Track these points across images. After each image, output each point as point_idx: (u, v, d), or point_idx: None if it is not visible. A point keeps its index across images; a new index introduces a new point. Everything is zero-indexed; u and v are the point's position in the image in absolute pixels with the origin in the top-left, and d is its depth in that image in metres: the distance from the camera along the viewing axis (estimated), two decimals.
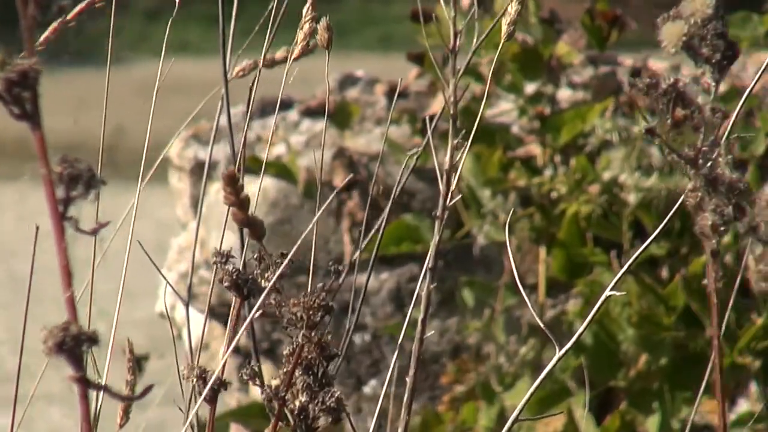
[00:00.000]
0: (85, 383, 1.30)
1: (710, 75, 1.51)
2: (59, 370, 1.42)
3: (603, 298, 2.03)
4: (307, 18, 2.04)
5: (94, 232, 1.34)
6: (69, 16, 1.45)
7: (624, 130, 3.04)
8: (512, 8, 1.96)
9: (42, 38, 1.44)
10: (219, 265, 1.64)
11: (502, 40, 2.14)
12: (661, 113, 1.50)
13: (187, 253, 3.20)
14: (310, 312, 1.46)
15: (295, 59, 2.15)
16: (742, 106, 3.03)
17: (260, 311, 1.56)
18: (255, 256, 1.64)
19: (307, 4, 2.05)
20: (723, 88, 3.14)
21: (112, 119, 2.47)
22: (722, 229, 1.50)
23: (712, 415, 2.94)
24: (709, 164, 1.47)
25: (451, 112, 1.87)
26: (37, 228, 2.08)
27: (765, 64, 2.57)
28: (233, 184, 1.69)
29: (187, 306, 2.28)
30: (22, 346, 2.15)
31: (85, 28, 1.93)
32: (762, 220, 1.45)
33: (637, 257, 2.35)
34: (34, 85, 1.30)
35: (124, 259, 2.08)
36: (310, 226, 1.96)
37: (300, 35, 2.07)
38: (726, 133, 2.11)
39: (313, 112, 3.25)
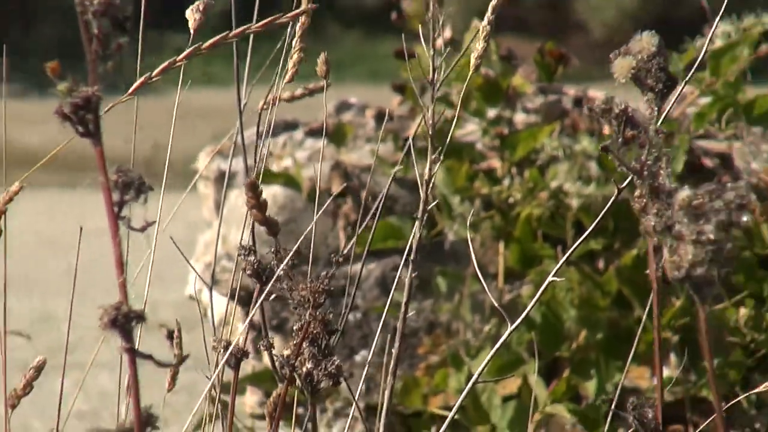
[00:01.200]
0: (133, 353, 1.30)
1: (654, 102, 1.52)
2: (107, 342, 1.42)
3: (549, 284, 2.04)
4: (296, 49, 2.04)
5: (143, 230, 1.34)
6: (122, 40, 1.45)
7: (568, 148, 3.03)
8: (478, 48, 1.96)
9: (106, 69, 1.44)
10: (243, 257, 1.63)
11: (470, 74, 2.14)
12: (614, 133, 1.50)
13: (211, 247, 3.19)
14: (316, 295, 1.46)
15: (303, 97, 2.15)
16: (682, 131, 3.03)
17: (274, 294, 1.56)
18: (272, 249, 1.64)
19: (296, 38, 2.05)
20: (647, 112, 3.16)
21: (151, 138, 2.46)
22: (662, 229, 1.50)
23: (638, 380, 2.94)
24: (652, 175, 1.48)
25: (429, 132, 1.87)
26: (81, 228, 2.07)
27: (679, 92, 2.57)
28: (254, 191, 1.70)
29: (211, 290, 2.28)
30: (69, 323, 2.14)
31: (131, 64, 1.93)
32: (676, 221, 1.45)
33: (576, 251, 2.36)
34: (95, 108, 1.30)
35: (162, 252, 2.07)
36: (312, 225, 1.96)
37: (290, 63, 2.07)
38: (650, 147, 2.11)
39: (314, 132, 3.25)
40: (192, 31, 2.06)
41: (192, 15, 2.04)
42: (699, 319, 1.44)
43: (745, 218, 2.35)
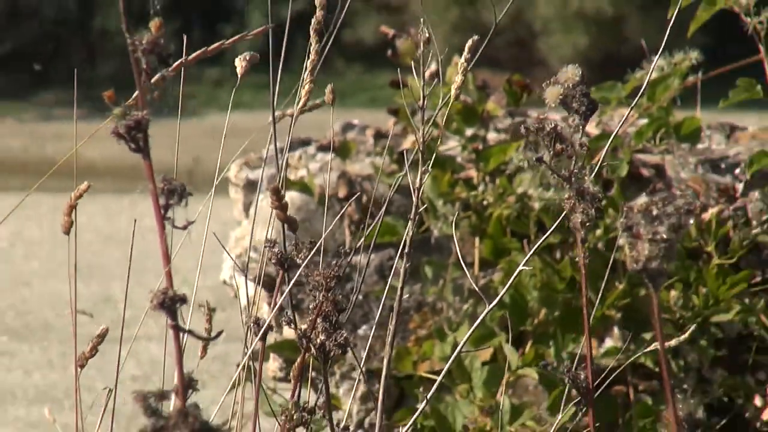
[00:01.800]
0: (177, 329, 1.30)
1: (578, 121, 1.52)
2: (156, 318, 1.42)
3: (517, 271, 2.04)
4: (306, 81, 2.05)
5: (185, 228, 1.34)
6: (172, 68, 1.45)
7: (531, 160, 3.03)
8: (458, 79, 1.97)
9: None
10: (269, 249, 1.63)
11: (451, 100, 2.14)
12: (546, 147, 1.51)
13: (241, 242, 3.19)
14: (328, 280, 1.46)
15: (308, 111, 2.16)
16: (610, 144, 3.03)
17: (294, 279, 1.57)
18: (292, 243, 1.65)
19: (306, 72, 2.06)
20: (597, 131, 3.16)
21: (192, 153, 2.47)
22: (588, 224, 1.51)
23: (587, 349, 2.94)
24: (578, 181, 1.49)
25: (420, 148, 1.87)
26: (135, 223, 2.07)
27: (625, 116, 2.57)
28: (278, 195, 1.70)
29: (246, 276, 2.29)
30: (125, 303, 2.15)
31: (175, 91, 1.93)
32: (635, 223, 1.45)
33: (539, 245, 2.35)
34: (145, 129, 1.31)
35: (199, 246, 2.08)
36: (325, 225, 1.97)
37: (302, 92, 2.08)
38: (599, 160, 2.10)
39: (324, 148, 3.24)
40: (239, 75, 2.08)
41: (240, 62, 2.07)
42: (652, 302, 1.45)
43: (691, 221, 2.35)
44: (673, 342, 2.86)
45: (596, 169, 1.71)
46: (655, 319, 1.53)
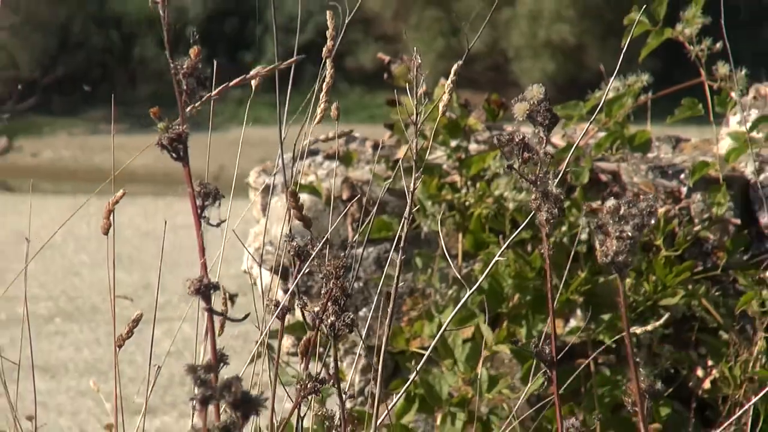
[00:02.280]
0: (211, 311, 1.30)
1: (542, 133, 1.52)
2: (187, 301, 1.42)
3: (493, 262, 2.03)
4: (323, 100, 2.04)
5: (218, 225, 1.34)
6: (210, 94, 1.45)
7: (505, 167, 3.03)
8: (444, 98, 1.96)
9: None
10: (287, 242, 1.63)
11: (439, 116, 2.14)
12: (516, 156, 1.52)
13: (259, 237, 3.19)
14: (337, 270, 1.46)
15: (318, 122, 2.15)
16: (573, 154, 3.03)
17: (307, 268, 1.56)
18: (304, 238, 1.64)
19: (323, 93, 2.05)
20: (563, 143, 3.16)
21: (218, 161, 2.46)
22: (551, 221, 1.51)
23: (555, 328, 2.94)
24: (543, 184, 1.49)
25: (414, 157, 1.86)
26: (165, 222, 2.07)
27: (585, 129, 2.57)
28: (295, 197, 1.70)
29: (260, 266, 2.29)
30: (158, 289, 2.14)
31: (206, 110, 1.92)
32: (605, 222, 1.45)
33: (513, 239, 2.35)
34: (184, 141, 1.31)
35: (224, 239, 2.07)
36: (330, 222, 1.97)
37: (318, 110, 2.07)
38: (564, 167, 2.10)
39: (330, 157, 3.23)
40: (254, 88, 2.07)
41: (255, 79, 2.06)
42: (612, 289, 1.45)
43: (653, 221, 2.34)
44: (639, 331, 2.87)
45: (561, 175, 1.71)
46: (621, 305, 1.54)
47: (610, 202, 1.47)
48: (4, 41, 28.34)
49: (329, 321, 1.48)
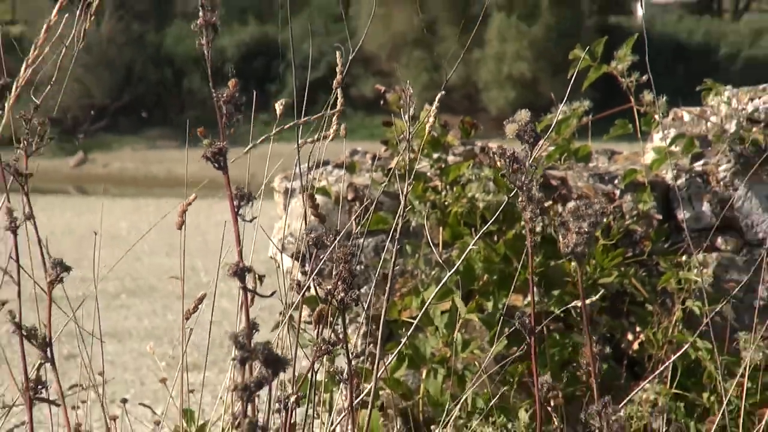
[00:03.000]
0: (246, 289, 1.30)
1: (528, 149, 1.51)
2: (226, 282, 1.42)
3: (468, 249, 2.03)
4: (335, 123, 2.04)
5: (251, 221, 1.34)
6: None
7: (477, 174, 3.02)
8: (429, 121, 1.96)
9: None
10: (306, 234, 1.63)
11: (426, 135, 2.13)
12: (507, 167, 1.50)
13: (281, 230, 3.18)
14: (347, 256, 1.45)
15: (331, 140, 2.15)
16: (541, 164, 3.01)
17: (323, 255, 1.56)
18: (317, 231, 1.64)
19: (335, 118, 2.04)
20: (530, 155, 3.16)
21: (251, 171, 2.45)
22: (535, 219, 1.50)
23: (515, 301, 2.93)
24: (528, 190, 1.48)
25: (405, 166, 1.86)
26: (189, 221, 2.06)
27: (539, 144, 2.56)
28: (312, 199, 1.70)
29: (282, 253, 2.28)
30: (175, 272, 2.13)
31: (243, 129, 1.92)
32: (566, 220, 1.45)
33: (483, 231, 2.35)
34: (225, 154, 1.30)
35: (255, 232, 2.06)
36: (339, 218, 1.97)
37: (331, 130, 2.07)
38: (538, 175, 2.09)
39: (339, 166, 3.22)
40: (278, 115, 2.07)
41: (278, 107, 2.06)
42: (578, 274, 1.45)
43: (605, 219, 2.29)
44: (588, 301, 2.87)
45: (527, 182, 1.70)
46: (578, 284, 1.53)
47: (571, 204, 1.46)
48: (82, 76, 28.32)
49: (339, 296, 1.48)
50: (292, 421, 1.57)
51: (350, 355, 1.66)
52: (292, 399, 1.58)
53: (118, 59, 32.28)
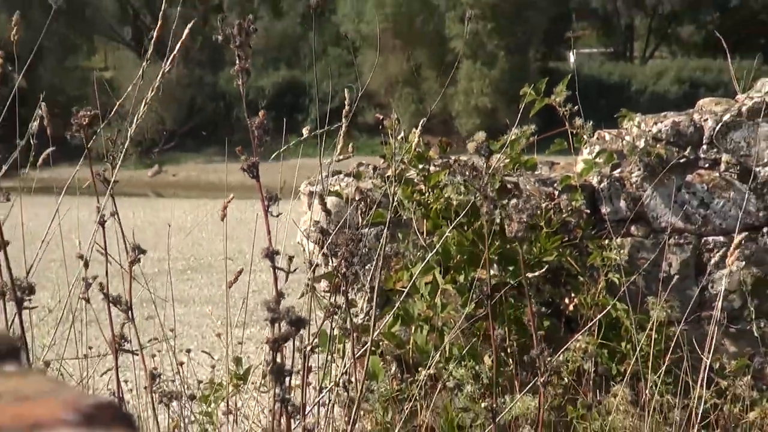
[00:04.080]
0: (275, 268, 1.28)
1: (484, 159, 1.50)
2: (262, 262, 1.41)
3: (444, 236, 2.02)
4: (341, 144, 2.02)
5: (277, 216, 1.32)
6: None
7: (451, 180, 3.00)
8: (415, 140, 1.95)
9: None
10: (315, 225, 1.61)
11: (413, 151, 2.11)
12: (468, 174, 1.49)
13: (306, 222, 3.16)
14: (353, 242, 1.44)
15: (339, 160, 2.14)
16: (497, 173, 2.99)
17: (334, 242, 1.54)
18: (333, 223, 1.62)
19: (340, 137, 2.03)
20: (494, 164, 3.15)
21: (284, 178, 2.43)
22: (496, 212, 1.50)
23: (482, 274, 2.91)
24: (484, 190, 1.46)
25: (399, 175, 1.85)
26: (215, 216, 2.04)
27: (498, 157, 2.55)
28: (322, 199, 1.68)
29: (306, 239, 2.27)
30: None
31: (277, 147, 1.91)
32: (511, 213, 1.44)
33: (456, 223, 2.33)
34: (257, 166, 1.29)
35: (285, 226, 2.06)
36: (349, 214, 1.97)
37: (339, 149, 2.06)
38: (486, 180, 2.07)
39: (349, 175, 3.21)
40: (305, 135, 2.05)
41: (306, 131, 2.04)
42: (519, 253, 1.44)
43: (538, 212, 2.25)
44: (535, 274, 2.86)
45: (484, 185, 1.69)
46: (520, 262, 1.52)
47: (513, 201, 1.46)
48: (157, 108, 28.29)
49: (343, 271, 1.47)
50: (309, 365, 1.56)
51: (350, 315, 1.65)
52: (309, 348, 1.57)
53: (183, 96, 32.26)
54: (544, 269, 2.88)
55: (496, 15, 30.01)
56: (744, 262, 3.11)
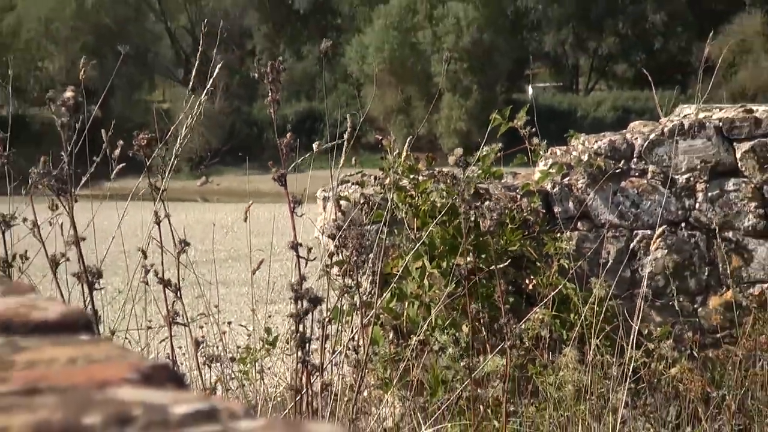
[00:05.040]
0: (298, 256, 1.27)
1: (461, 170, 1.49)
2: (287, 252, 1.40)
3: (428, 229, 2.01)
4: (343, 158, 1.99)
5: (301, 215, 1.31)
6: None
7: (435, 187, 2.99)
8: (404, 155, 1.94)
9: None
10: (334, 222, 1.60)
11: (403, 165, 2.10)
12: (449, 182, 1.49)
13: (321, 221, 3.14)
14: (361, 237, 1.43)
15: (353, 175, 2.11)
16: (465, 180, 2.98)
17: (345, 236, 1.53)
18: (343, 221, 1.61)
19: (344, 156, 2.01)
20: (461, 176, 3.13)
21: (302, 186, 2.42)
22: (471, 212, 1.49)
23: (460, 260, 2.90)
24: (463, 194, 1.46)
25: (392, 183, 1.84)
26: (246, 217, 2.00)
27: (472, 169, 2.53)
28: (338, 202, 1.67)
29: (322, 234, 2.26)
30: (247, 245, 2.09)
31: (302, 162, 1.90)
32: (484, 212, 1.43)
33: (438, 219, 2.32)
34: (285, 177, 1.27)
35: (303, 224, 2.04)
36: (355, 213, 1.95)
37: (341, 162, 2.03)
38: (463, 187, 2.05)
39: (355, 183, 3.19)
40: (314, 150, 2.03)
41: (317, 146, 2.02)
42: (490, 244, 1.43)
43: (506, 211, 2.22)
44: (503, 261, 2.85)
45: (462, 191, 1.69)
46: (491, 251, 1.51)
47: (485, 203, 1.45)
48: (204, 132, 28.28)
49: (353, 259, 1.46)
50: (326, 333, 1.56)
51: (361, 294, 1.64)
52: (326, 320, 1.56)
53: (225, 122, 32.23)
54: (509, 257, 2.87)
55: (471, 58, 30.08)
56: (666, 251, 3.11)
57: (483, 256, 2.92)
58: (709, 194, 3.14)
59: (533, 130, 3.12)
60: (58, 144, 1.38)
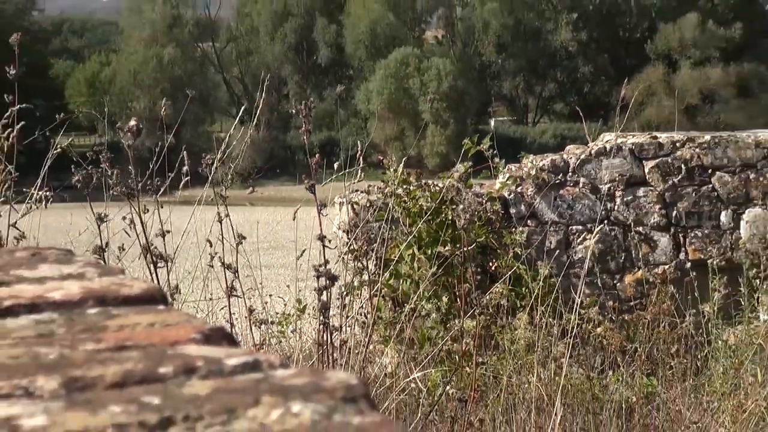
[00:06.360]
0: (324, 246, 1.26)
1: (462, 183, 1.47)
2: (312, 243, 1.38)
3: (418, 225, 1.98)
4: (357, 171, 1.97)
5: (325, 215, 1.30)
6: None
7: (422, 194, 2.97)
8: (399, 171, 1.92)
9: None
10: (350, 221, 1.58)
11: (398, 178, 2.08)
12: (437, 192, 1.46)
13: (338, 220, 3.10)
14: (369, 233, 1.41)
15: (358, 182, 2.09)
16: (446, 188, 2.95)
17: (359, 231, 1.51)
18: (356, 221, 1.59)
19: (355, 169, 1.98)
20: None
21: (325, 194, 2.40)
22: (462, 215, 1.46)
23: (441, 250, 2.87)
24: (458, 201, 1.44)
25: (391, 192, 1.81)
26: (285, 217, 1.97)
27: (449, 182, 2.50)
28: (353, 205, 1.65)
29: (339, 230, 2.23)
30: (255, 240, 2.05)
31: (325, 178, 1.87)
32: (460, 212, 1.42)
33: (426, 218, 2.31)
34: (315, 187, 1.26)
35: (322, 221, 2.02)
36: (363, 214, 1.93)
37: (358, 177, 2.01)
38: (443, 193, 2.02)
39: (363, 192, 3.16)
40: (335, 167, 2.01)
41: (336, 165, 1.99)
42: (463, 236, 1.41)
43: (477, 213, 2.19)
44: (472, 252, 2.83)
45: (441, 197, 1.66)
46: (464, 241, 1.49)
47: (461, 206, 1.43)
48: (251, 155, 28.17)
49: (363, 249, 1.45)
50: (345, 303, 1.55)
51: (369, 274, 1.63)
52: (342, 293, 1.55)
53: (267, 147, 32.18)
54: (477, 246, 2.86)
55: (448, 99, 30.26)
56: (594, 241, 3.11)
57: (458, 245, 2.91)
58: (625, 199, 3.16)
59: (495, 152, 3.11)
60: (140, 164, 1.38)
